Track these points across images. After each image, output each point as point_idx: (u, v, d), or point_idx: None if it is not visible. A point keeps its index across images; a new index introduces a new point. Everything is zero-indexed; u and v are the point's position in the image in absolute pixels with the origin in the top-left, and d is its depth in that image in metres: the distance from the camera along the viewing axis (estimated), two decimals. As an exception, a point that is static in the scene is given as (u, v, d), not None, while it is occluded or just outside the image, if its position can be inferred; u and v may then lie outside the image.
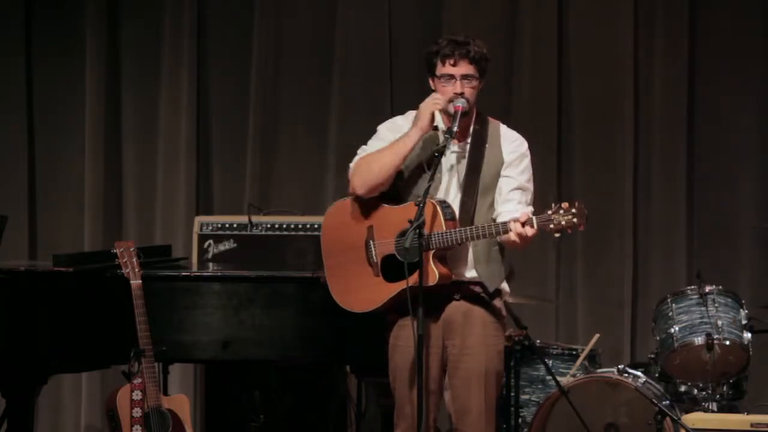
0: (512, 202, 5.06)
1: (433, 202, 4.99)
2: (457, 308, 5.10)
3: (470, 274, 5.10)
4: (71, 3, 8.10)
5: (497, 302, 5.14)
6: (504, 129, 5.19)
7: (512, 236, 4.83)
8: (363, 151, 5.20)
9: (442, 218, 4.96)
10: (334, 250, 5.18)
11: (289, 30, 8.03)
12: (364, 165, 5.11)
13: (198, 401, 7.60)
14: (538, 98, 7.88)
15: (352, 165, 5.18)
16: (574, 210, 4.78)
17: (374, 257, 5.07)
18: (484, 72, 5.10)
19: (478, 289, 5.10)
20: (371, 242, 5.08)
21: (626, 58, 7.81)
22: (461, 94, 5.04)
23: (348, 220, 5.15)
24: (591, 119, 7.88)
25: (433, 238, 4.94)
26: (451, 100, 5.06)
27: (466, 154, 5.11)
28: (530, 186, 5.14)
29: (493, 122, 5.19)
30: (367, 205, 5.13)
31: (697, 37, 7.83)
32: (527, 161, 5.15)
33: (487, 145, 5.12)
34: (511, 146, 5.14)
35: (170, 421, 5.92)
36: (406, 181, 5.11)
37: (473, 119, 5.14)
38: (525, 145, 5.17)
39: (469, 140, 5.12)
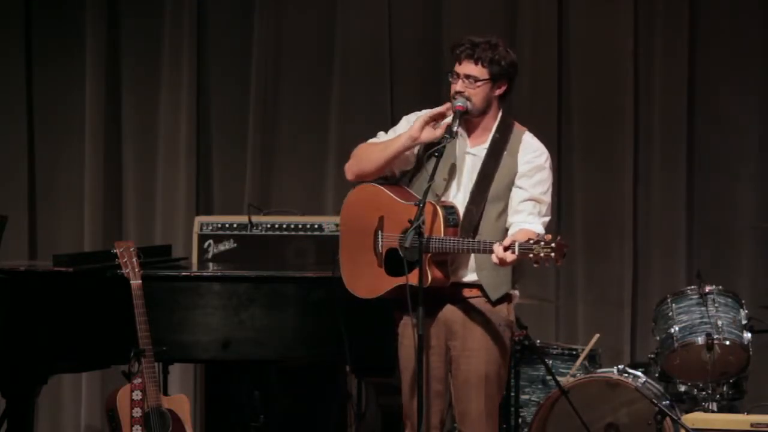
0: (522, 214, 5.01)
1: (438, 206, 4.97)
2: (454, 311, 5.07)
3: (470, 277, 5.07)
4: (71, 3, 8.10)
5: (502, 307, 5.10)
6: (527, 137, 5.11)
7: (493, 258, 4.80)
8: (376, 139, 5.23)
9: (442, 224, 4.94)
10: (348, 230, 5.18)
11: (289, 30, 8.03)
12: (360, 152, 5.16)
13: (198, 401, 7.59)
14: (538, 98, 7.88)
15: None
16: (553, 245, 4.70)
17: (379, 248, 5.07)
18: (498, 76, 5.04)
19: (475, 292, 5.08)
20: (379, 232, 5.08)
21: (626, 58, 7.82)
22: (461, 93, 5.04)
23: (365, 204, 5.13)
24: (591, 119, 7.88)
25: (430, 242, 4.93)
26: (453, 97, 5.06)
27: (482, 160, 5.08)
28: (546, 198, 5.05)
29: (517, 129, 5.12)
30: (381, 194, 5.10)
31: (697, 37, 7.84)
32: (544, 174, 5.07)
33: (505, 153, 5.05)
34: (528, 156, 5.06)
35: (170, 421, 5.92)
36: (418, 182, 5.10)
37: (495, 124, 5.09)
38: (544, 156, 5.09)
39: (486, 146, 5.09)
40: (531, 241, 4.73)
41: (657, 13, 7.85)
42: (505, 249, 4.76)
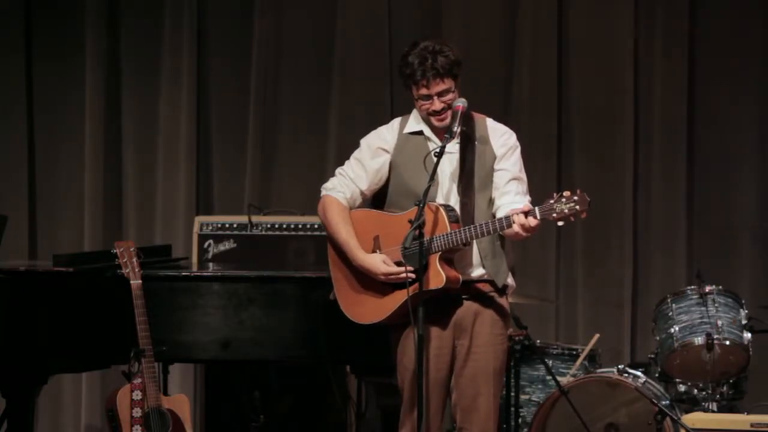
0: (510, 194, 5.08)
1: (436, 205, 5.00)
2: (467, 308, 5.10)
3: (477, 272, 5.10)
4: (71, 3, 8.10)
5: (504, 299, 5.16)
6: (491, 123, 5.21)
7: (516, 228, 4.83)
8: (340, 175, 5.24)
9: (446, 220, 4.96)
10: (340, 262, 5.18)
11: (289, 30, 8.03)
12: (325, 216, 5.19)
13: (198, 401, 7.60)
14: (538, 98, 7.88)
15: (324, 191, 5.25)
16: (575, 197, 4.77)
17: None
18: (458, 75, 5.09)
19: (486, 287, 5.10)
20: (377, 252, 5.09)
21: (626, 58, 7.82)
22: (439, 110, 5.07)
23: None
24: (591, 119, 7.88)
25: (438, 240, 4.94)
26: (436, 112, 5.08)
27: (457, 155, 5.11)
28: (524, 177, 5.16)
29: (478, 118, 5.20)
30: (370, 216, 5.15)
31: (697, 37, 7.84)
32: (518, 152, 5.17)
33: (476, 142, 5.13)
34: (501, 140, 5.15)
35: (170, 421, 5.92)
36: (407, 189, 5.10)
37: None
38: (514, 136, 5.19)
39: (458, 140, 5.12)
40: (551, 201, 4.78)
41: (657, 13, 7.85)
42: (526, 215, 4.79)
